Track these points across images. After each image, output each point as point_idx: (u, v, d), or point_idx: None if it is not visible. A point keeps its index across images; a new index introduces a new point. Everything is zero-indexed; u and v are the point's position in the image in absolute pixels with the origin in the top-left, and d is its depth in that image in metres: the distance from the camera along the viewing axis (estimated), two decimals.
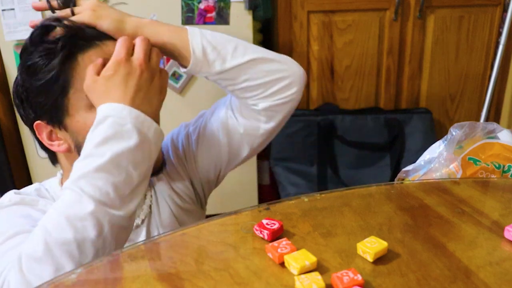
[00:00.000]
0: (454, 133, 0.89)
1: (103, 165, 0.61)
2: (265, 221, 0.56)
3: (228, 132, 0.85)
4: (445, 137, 0.91)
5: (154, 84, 0.70)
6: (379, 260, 0.51)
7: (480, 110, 2.08)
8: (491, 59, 2.04)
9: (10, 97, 1.66)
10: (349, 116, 1.93)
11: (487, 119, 2.06)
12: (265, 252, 0.52)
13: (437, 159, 0.88)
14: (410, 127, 1.96)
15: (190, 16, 1.75)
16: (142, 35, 0.73)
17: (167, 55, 0.79)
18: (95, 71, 0.68)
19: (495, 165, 0.84)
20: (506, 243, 0.54)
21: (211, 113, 0.89)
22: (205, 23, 1.76)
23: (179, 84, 1.81)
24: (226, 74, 0.78)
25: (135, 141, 0.63)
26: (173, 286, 0.48)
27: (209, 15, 1.75)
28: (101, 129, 0.64)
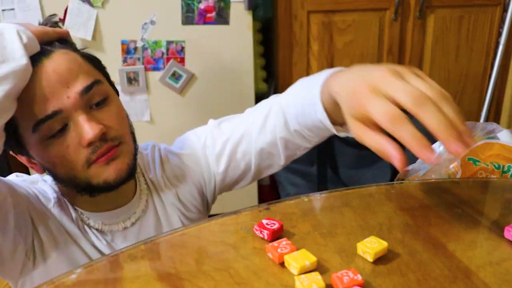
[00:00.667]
0: None
1: None
2: (265, 221, 0.56)
3: (264, 160, 0.82)
4: None
5: None
6: (379, 260, 0.51)
7: (480, 110, 2.08)
8: (491, 59, 2.04)
9: None
10: None
11: (487, 119, 2.06)
12: (265, 252, 0.52)
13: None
14: None
15: (190, 16, 1.75)
16: None
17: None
18: None
19: (494, 165, 0.84)
20: (506, 243, 0.54)
21: (240, 142, 0.82)
22: (205, 23, 1.76)
23: (179, 84, 1.82)
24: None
25: None
26: (173, 286, 0.48)
27: (209, 15, 1.75)
28: None
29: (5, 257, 0.68)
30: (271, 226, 0.55)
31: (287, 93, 0.77)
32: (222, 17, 1.76)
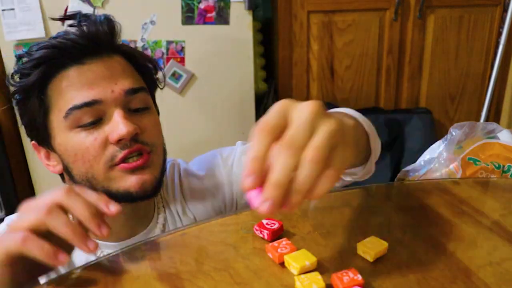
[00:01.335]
0: (454, 133, 0.89)
1: None
2: (265, 221, 0.56)
3: None
4: (445, 137, 0.91)
5: None
6: (379, 260, 0.51)
7: (480, 110, 2.08)
8: (491, 59, 2.04)
9: (10, 97, 1.65)
10: None
11: (487, 119, 2.06)
12: (265, 252, 0.52)
13: (437, 159, 0.88)
14: (410, 127, 1.96)
15: (190, 16, 1.75)
16: None
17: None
18: None
19: (495, 165, 0.84)
20: (506, 243, 0.54)
21: None
22: (205, 23, 1.76)
23: (179, 84, 1.81)
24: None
25: None
26: (173, 286, 0.48)
27: (209, 15, 1.75)
28: None
29: None
30: (271, 226, 0.55)
31: None
32: (222, 17, 1.76)
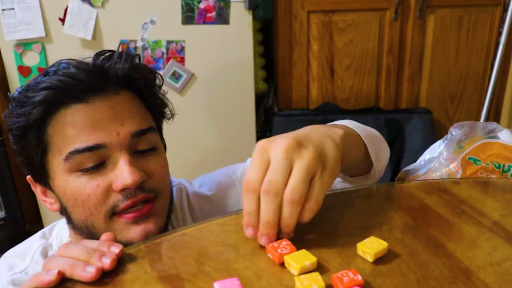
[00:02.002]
0: (454, 133, 0.89)
1: None
2: None
3: None
4: (445, 137, 0.90)
5: None
6: (379, 260, 0.51)
7: (480, 110, 2.08)
8: (491, 59, 2.04)
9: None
10: (349, 116, 1.93)
11: (487, 119, 2.06)
12: (265, 252, 0.52)
13: (437, 159, 0.88)
14: (410, 127, 1.96)
15: (190, 16, 1.75)
16: None
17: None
18: None
19: (495, 165, 0.84)
20: (506, 243, 0.54)
21: None
22: (205, 22, 1.76)
23: (179, 84, 1.81)
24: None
25: None
26: (174, 286, 0.48)
27: (209, 15, 1.75)
28: None
29: None
30: None
31: None
32: (222, 17, 1.76)
